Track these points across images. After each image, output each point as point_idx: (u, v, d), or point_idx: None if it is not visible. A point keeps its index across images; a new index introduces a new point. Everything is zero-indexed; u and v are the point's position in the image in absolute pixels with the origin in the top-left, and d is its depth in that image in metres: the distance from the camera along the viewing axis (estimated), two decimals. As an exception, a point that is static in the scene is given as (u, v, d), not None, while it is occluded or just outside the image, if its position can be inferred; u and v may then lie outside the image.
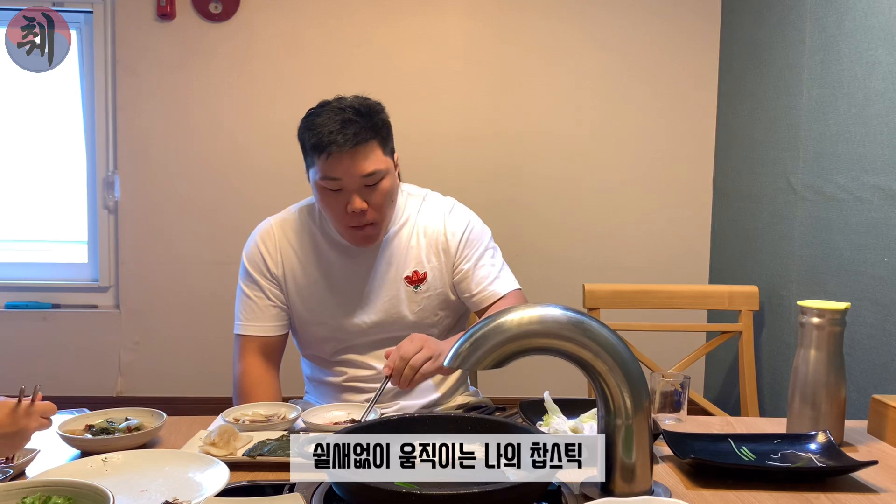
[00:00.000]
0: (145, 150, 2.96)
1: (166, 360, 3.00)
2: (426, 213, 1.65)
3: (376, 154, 1.48)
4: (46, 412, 1.17)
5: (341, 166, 1.45)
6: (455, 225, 1.64)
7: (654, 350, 2.29)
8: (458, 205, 1.70)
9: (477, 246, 1.64)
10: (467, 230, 1.64)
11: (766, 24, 2.56)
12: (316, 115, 1.49)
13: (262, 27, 2.93)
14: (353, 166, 1.45)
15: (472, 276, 1.62)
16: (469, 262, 1.62)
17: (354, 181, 1.46)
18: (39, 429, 1.16)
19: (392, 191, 1.53)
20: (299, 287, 1.62)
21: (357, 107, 1.48)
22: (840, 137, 2.10)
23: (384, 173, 1.49)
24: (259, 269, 1.63)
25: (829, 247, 2.15)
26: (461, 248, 1.63)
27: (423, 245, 1.62)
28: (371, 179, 1.47)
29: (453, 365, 0.99)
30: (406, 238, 1.63)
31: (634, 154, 2.99)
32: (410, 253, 1.62)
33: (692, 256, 3.01)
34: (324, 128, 1.45)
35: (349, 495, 0.95)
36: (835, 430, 1.27)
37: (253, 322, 1.63)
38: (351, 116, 1.46)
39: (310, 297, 1.63)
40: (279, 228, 1.65)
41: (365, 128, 1.46)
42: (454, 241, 1.63)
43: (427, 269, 1.61)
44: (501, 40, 2.95)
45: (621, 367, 0.99)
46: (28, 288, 3.02)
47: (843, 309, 1.27)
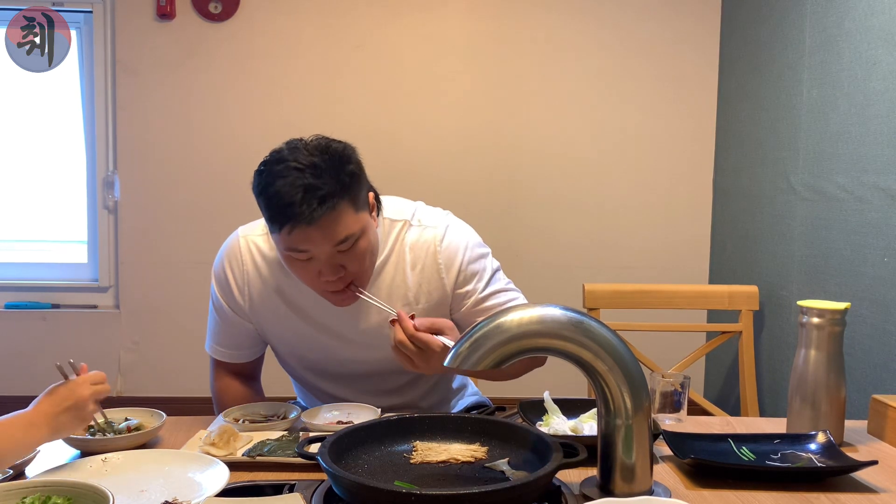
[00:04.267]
0: (145, 150, 2.96)
1: (166, 360, 3.00)
2: (412, 243, 1.44)
3: (347, 217, 1.26)
4: (96, 380, 1.17)
5: (308, 239, 1.25)
6: (448, 258, 1.43)
7: (654, 350, 2.29)
8: (451, 227, 1.47)
9: (477, 278, 1.45)
10: (464, 262, 1.44)
11: (766, 24, 2.56)
12: (271, 178, 1.25)
13: (262, 27, 2.93)
14: (321, 237, 1.25)
15: (479, 310, 1.44)
16: (471, 297, 1.45)
17: (325, 251, 1.26)
18: (97, 396, 1.15)
19: (371, 247, 1.33)
20: (271, 320, 1.46)
21: (318, 163, 1.24)
22: (840, 137, 2.10)
23: (359, 234, 1.29)
24: (225, 295, 1.47)
25: (829, 247, 2.15)
26: (460, 285, 1.44)
27: (411, 284, 1.43)
28: (345, 245, 1.27)
29: (453, 365, 0.98)
30: (390, 276, 1.43)
31: (635, 154, 2.99)
32: (396, 293, 1.43)
33: (692, 256, 3.01)
34: (282, 198, 1.22)
35: (349, 495, 0.95)
36: (835, 430, 1.27)
37: (223, 348, 1.52)
38: (312, 181, 1.22)
39: (282, 329, 1.47)
40: (247, 249, 1.46)
41: (330, 192, 1.23)
42: (449, 279, 1.44)
43: (416, 310, 1.40)
44: (501, 41, 2.95)
45: (621, 367, 0.99)
46: (28, 288, 3.02)
47: (843, 309, 1.27)
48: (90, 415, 1.15)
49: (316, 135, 1.32)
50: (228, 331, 1.51)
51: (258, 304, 1.45)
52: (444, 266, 1.43)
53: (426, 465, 1.09)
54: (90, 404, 1.14)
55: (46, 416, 1.09)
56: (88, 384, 1.15)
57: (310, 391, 1.60)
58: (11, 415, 1.08)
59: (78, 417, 1.13)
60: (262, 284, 1.44)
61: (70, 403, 1.11)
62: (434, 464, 1.09)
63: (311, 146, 1.28)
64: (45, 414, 1.09)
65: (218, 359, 1.54)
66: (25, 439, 1.07)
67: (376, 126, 2.92)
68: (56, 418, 1.10)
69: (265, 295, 1.45)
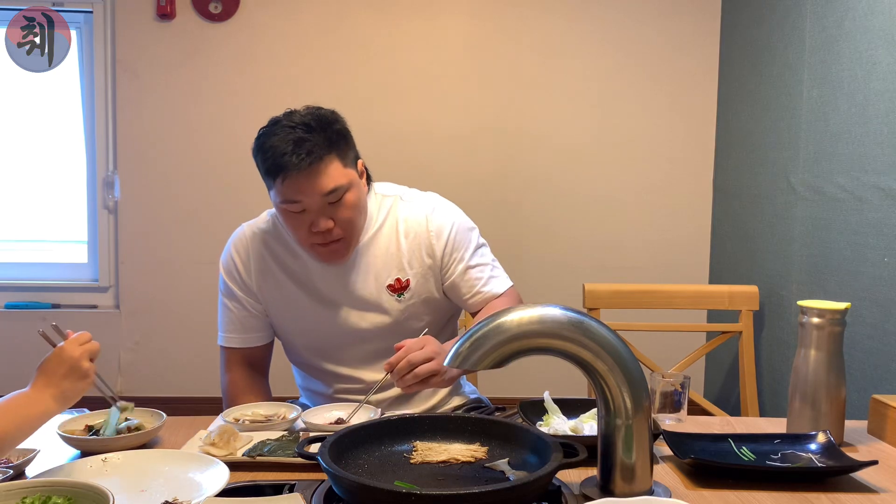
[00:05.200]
0: (145, 150, 2.96)
1: (166, 360, 3.00)
2: (405, 215, 1.57)
3: (335, 169, 1.41)
4: (83, 339, 1.16)
5: (299, 188, 1.39)
6: (438, 226, 1.55)
7: (654, 350, 2.29)
8: (440, 202, 1.61)
9: (465, 247, 1.56)
10: (452, 231, 1.56)
11: (766, 24, 2.56)
12: (266, 136, 1.42)
13: (262, 27, 2.93)
14: (311, 186, 1.39)
15: (464, 279, 1.55)
16: (459, 265, 1.55)
17: (316, 201, 1.40)
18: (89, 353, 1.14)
19: (359, 203, 1.46)
20: (277, 296, 1.57)
21: (309, 122, 1.41)
22: (840, 137, 2.10)
23: (347, 187, 1.42)
24: (235, 280, 1.58)
25: (829, 247, 2.15)
26: (448, 252, 1.55)
27: (405, 250, 1.54)
28: (333, 196, 1.41)
29: (453, 365, 0.99)
30: (385, 243, 1.55)
31: (634, 154, 2.99)
32: (391, 260, 1.54)
33: (692, 256, 3.01)
34: (276, 150, 1.38)
35: (349, 495, 0.95)
36: (835, 430, 1.27)
37: (234, 334, 1.60)
38: (302, 134, 1.39)
39: (288, 306, 1.57)
40: (253, 235, 1.59)
41: (319, 144, 1.39)
42: (439, 245, 1.55)
43: (410, 275, 1.54)
44: (501, 41, 2.95)
45: (621, 367, 0.99)
46: (28, 288, 3.02)
47: (843, 309, 1.27)
48: (89, 371, 1.14)
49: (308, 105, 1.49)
50: (238, 314, 1.59)
51: (261, 278, 1.57)
52: (434, 234, 1.55)
53: (426, 465, 1.09)
54: (84, 362, 1.13)
55: (47, 387, 1.09)
56: (76, 345, 1.14)
57: (312, 374, 1.65)
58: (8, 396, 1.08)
59: (78, 379, 1.12)
60: (264, 258, 1.57)
61: (66, 368, 1.11)
62: (434, 464, 1.09)
63: (302, 111, 1.46)
64: (46, 385, 1.09)
65: (229, 346, 1.61)
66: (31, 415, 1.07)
67: (376, 126, 2.92)
68: (58, 386, 1.10)
69: (270, 270, 1.56)
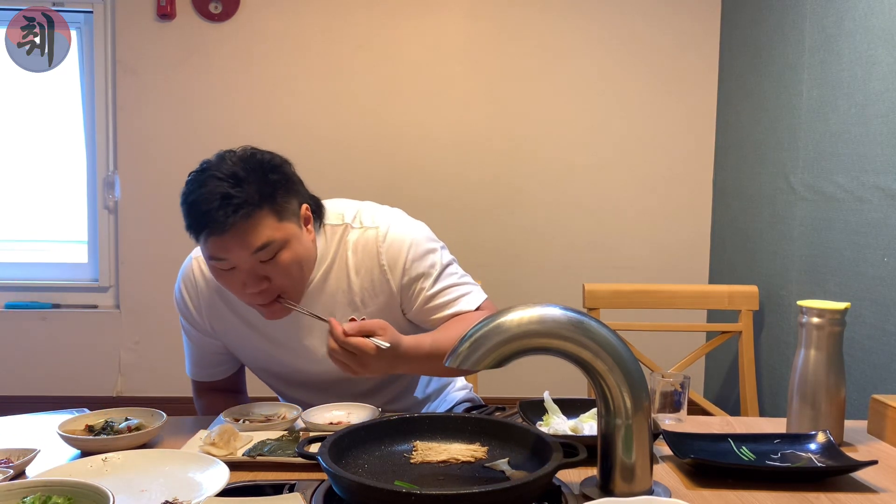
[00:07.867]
0: (145, 150, 2.96)
1: (166, 360, 2.99)
2: (354, 247, 1.41)
3: (266, 225, 1.26)
4: None
5: (225, 245, 1.25)
6: (392, 258, 1.40)
7: (654, 350, 2.29)
8: (394, 225, 1.43)
9: (424, 275, 1.41)
10: (408, 261, 1.40)
11: (766, 24, 2.56)
12: (193, 187, 1.26)
13: (262, 27, 2.93)
14: (238, 244, 1.24)
15: (427, 308, 1.42)
16: (419, 296, 1.41)
17: (244, 258, 1.26)
18: None
19: (298, 259, 1.31)
20: (232, 336, 1.48)
21: (239, 172, 1.25)
22: (840, 137, 2.10)
23: (281, 244, 1.28)
24: (189, 319, 1.50)
25: (829, 247, 2.15)
26: (406, 285, 1.41)
27: (357, 287, 1.41)
28: (265, 254, 1.27)
29: (453, 364, 0.98)
30: (335, 282, 1.41)
31: (634, 154, 2.99)
32: (343, 298, 1.41)
33: (692, 256, 3.01)
34: (199, 206, 1.24)
35: (349, 495, 0.94)
36: (835, 430, 1.27)
37: (198, 368, 1.56)
38: (229, 190, 1.23)
39: (244, 346, 1.48)
40: (200, 271, 1.46)
41: (247, 201, 1.24)
42: (395, 279, 1.40)
43: (366, 314, 1.40)
44: (501, 41, 2.95)
45: (621, 367, 0.99)
46: (28, 288, 3.02)
47: (843, 309, 1.27)
48: None
49: (245, 146, 1.33)
50: (200, 352, 1.54)
51: (216, 320, 1.47)
52: (387, 266, 1.40)
53: (426, 465, 1.08)
54: None
55: None
56: None
57: (288, 401, 1.58)
58: None
59: None
60: (215, 300, 1.46)
61: None
62: (434, 464, 1.09)
63: (237, 156, 1.29)
64: None
65: (199, 381, 1.58)
66: None
67: (376, 126, 2.92)
68: None
69: (219, 310, 1.46)
